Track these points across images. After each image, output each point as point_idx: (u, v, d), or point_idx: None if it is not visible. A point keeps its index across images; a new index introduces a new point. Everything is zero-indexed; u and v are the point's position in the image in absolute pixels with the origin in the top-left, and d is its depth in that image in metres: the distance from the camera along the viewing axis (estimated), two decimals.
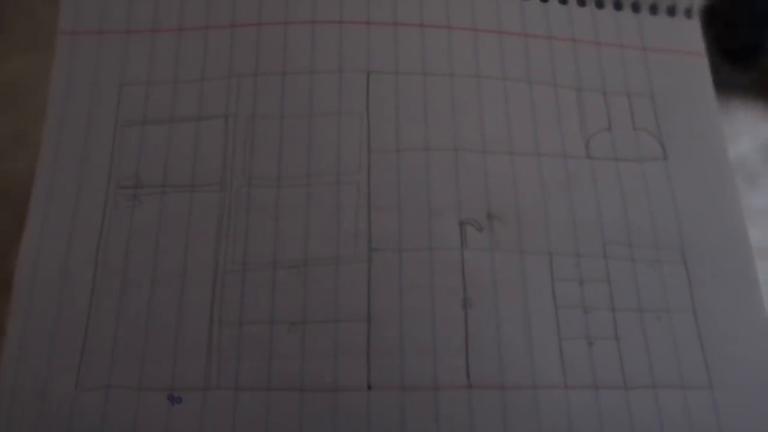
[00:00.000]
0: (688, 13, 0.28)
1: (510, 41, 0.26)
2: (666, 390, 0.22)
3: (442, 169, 0.24)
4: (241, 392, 0.21)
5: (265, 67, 0.25)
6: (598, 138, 0.26)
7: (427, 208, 0.23)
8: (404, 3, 0.26)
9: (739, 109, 0.33)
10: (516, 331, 0.22)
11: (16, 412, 0.21)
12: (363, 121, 0.24)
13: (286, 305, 0.22)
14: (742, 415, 0.22)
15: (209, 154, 0.24)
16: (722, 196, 0.25)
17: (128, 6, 0.26)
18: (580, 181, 0.25)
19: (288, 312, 0.22)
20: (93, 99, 0.24)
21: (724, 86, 0.28)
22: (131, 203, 0.23)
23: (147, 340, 0.21)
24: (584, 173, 0.25)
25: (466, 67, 0.25)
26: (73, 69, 0.25)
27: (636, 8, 0.28)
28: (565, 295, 0.23)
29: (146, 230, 0.23)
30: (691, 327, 0.23)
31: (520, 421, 0.21)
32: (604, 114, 0.26)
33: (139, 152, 0.24)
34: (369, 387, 0.21)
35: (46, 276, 0.22)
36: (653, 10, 0.28)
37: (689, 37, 0.28)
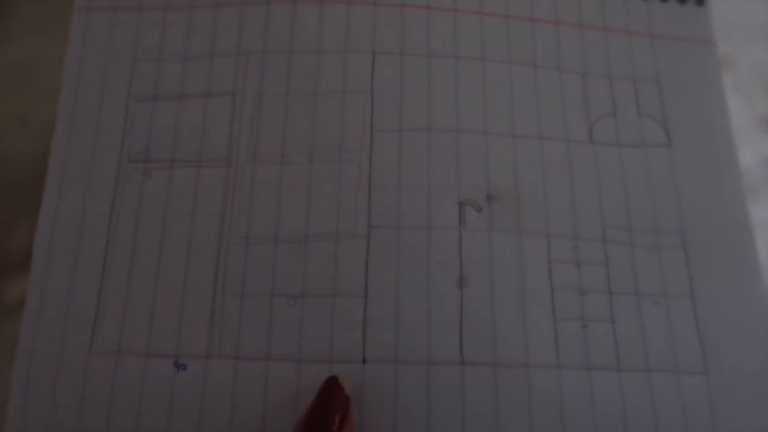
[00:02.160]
0: (699, 0, 0.28)
1: (516, 25, 0.26)
2: (660, 374, 0.22)
3: (444, 149, 0.24)
4: (241, 361, 0.22)
5: (272, 46, 0.25)
6: (602, 123, 0.26)
7: (427, 187, 0.23)
8: None
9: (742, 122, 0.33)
10: (510, 311, 0.22)
11: (35, 374, 0.22)
12: (367, 101, 0.24)
13: (286, 279, 0.22)
14: (736, 401, 0.22)
15: (216, 131, 0.24)
16: (725, 184, 0.25)
17: None
18: (581, 165, 0.25)
19: (288, 285, 0.22)
20: (106, 75, 0.25)
21: None
22: (141, 177, 0.24)
23: (154, 309, 0.22)
24: (586, 158, 0.25)
25: (471, 50, 0.25)
26: (87, 45, 0.26)
27: None
28: (562, 277, 0.23)
29: (155, 203, 0.23)
30: (689, 312, 0.23)
31: (512, 398, 0.21)
32: (609, 99, 0.26)
33: (149, 128, 0.24)
34: (364, 360, 0.21)
35: (62, 246, 0.23)
36: None
37: (699, 24, 0.28)
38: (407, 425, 0.21)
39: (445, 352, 0.22)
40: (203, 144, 0.24)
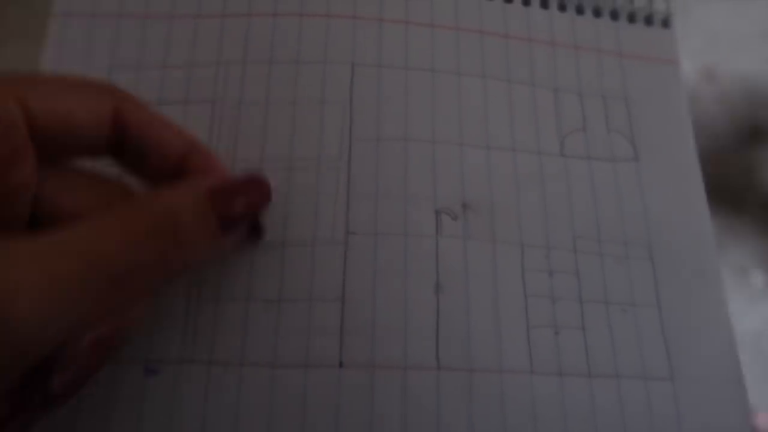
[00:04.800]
0: (665, 22, 0.30)
1: (491, 41, 0.27)
2: (628, 380, 0.23)
3: (420, 159, 0.24)
4: (214, 366, 0.21)
5: (253, 56, 0.25)
6: (572, 137, 0.26)
7: (404, 195, 0.24)
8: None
9: None
10: (485, 317, 0.23)
11: None
12: (345, 111, 0.25)
13: (262, 284, 0.22)
14: (701, 406, 0.23)
15: None
16: (689, 197, 0.26)
17: None
18: (553, 177, 0.25)
19: (264, 290, 0.22)
20: None
21: None
22: None
23: None
24: (557, 170, 0.26)
25: (447, 64, 0.26)
26: (65, 51, 0.26)
27: (614, 16, 0.29)
28: (535, 285, 0.24)
29: None
30: (655, 320, 0.24)
31: (486, 403, 0.22)
32: (579, 115, 0.27)
33: None
34: (340, 365, 0.22)
35: None
36: (631, 18, 0.29)
37: (665, 45, 0.29)
38: (383, 429, 0.21)
39: (421, 357, 0.22)
40: None
